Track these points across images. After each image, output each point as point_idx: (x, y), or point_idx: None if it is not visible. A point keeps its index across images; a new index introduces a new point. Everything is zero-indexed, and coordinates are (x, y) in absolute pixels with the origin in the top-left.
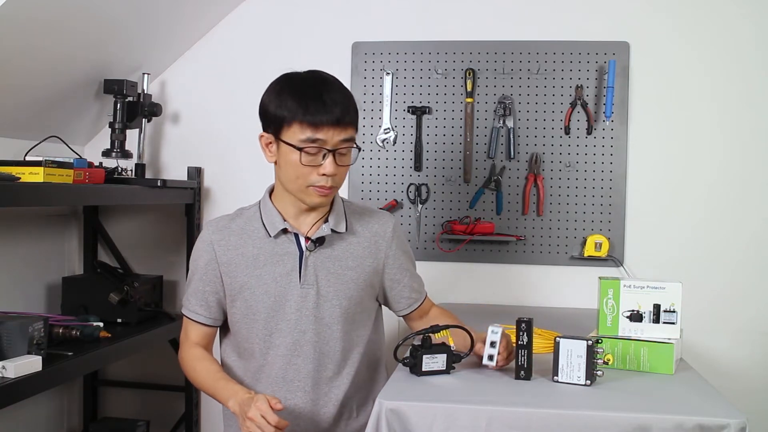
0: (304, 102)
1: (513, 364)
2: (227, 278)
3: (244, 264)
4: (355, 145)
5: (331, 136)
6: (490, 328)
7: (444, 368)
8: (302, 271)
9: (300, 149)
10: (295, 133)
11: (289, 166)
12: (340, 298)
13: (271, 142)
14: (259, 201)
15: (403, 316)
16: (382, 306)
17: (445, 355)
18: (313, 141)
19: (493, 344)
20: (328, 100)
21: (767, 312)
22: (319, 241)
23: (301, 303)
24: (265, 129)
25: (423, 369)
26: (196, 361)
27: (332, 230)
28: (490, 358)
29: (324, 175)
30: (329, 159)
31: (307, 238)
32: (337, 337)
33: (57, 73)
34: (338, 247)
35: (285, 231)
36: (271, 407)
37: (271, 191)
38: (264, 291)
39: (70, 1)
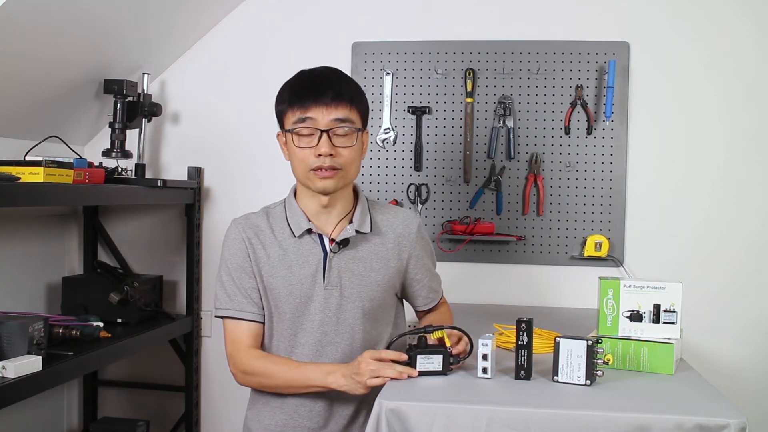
0: (294, 90)
1: (513, 363)
2: (258, 276)
3: (269, 264)
4: (356, 127)
5: (322, 116)
6: (480, 341)
7: (440, 369)
8: (326, 272)
9: (292, 131)
10: (290, 119)
11: (292, 154)
12: (363, 300)
13: (285, 139)
14: (284, 200)
15: (416, 311)
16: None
17: (441, 356)
18: (303, 120)
19: (485, 357)
20: (320, 83)
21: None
22: (344, 243)
23: (325, 304)
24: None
25: (417, 369)
26: (264, 360)
27: (357, 231)
28: (484, 371)
29: (320, 155)
30: (324, 138)
31: (332, 240)
32: (359, 338)
33: (57, 73)
34: (362, 248)
35: (309, 231)
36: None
37: (296, 190)
38: (289, 292)
39: (70, 1)
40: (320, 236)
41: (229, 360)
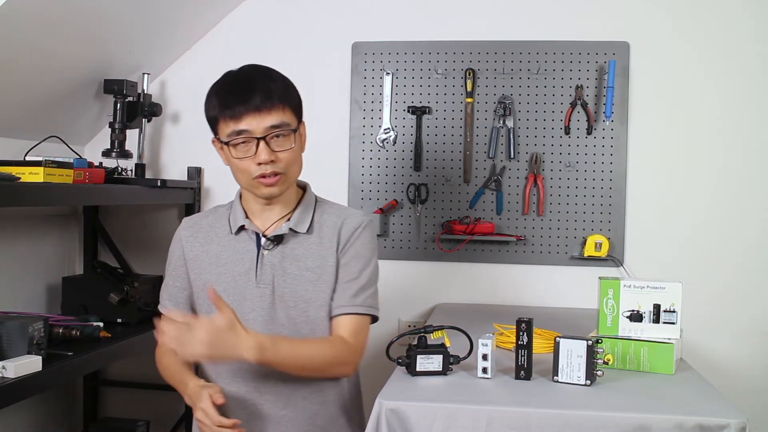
0: (222, 97)
1: (513, 363)
2: (193, 275)
3: (208, 261)
4: (291, 128)
5: (256, 124)
6: (480, 341)
7: (440, 369)
8: (258, 270)
9: (227, 143)
10: (224, 130)
11: (231, 163)
12: (297, 300)
13: (221, 146)
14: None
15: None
16: None
17: (441, 356)
18: (238, 133)
19: (485, 357)
20: (246, 89)
21: None
22: (277, 240)
23: (257, 303)
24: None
25: (417, 369)
26: (162, 356)
27: (291, 229)
28: (484, 371)
29: (261, 164)
30: (261, 146)
31: (266, 236)
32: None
33: (57, 73)
34: (299, 247)
35: (244, 228)
36: (213, 403)
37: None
38: (223, 289)
39: (70, 1)
40: (257, 234)
41: None
